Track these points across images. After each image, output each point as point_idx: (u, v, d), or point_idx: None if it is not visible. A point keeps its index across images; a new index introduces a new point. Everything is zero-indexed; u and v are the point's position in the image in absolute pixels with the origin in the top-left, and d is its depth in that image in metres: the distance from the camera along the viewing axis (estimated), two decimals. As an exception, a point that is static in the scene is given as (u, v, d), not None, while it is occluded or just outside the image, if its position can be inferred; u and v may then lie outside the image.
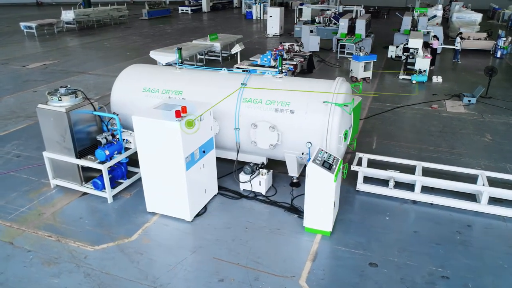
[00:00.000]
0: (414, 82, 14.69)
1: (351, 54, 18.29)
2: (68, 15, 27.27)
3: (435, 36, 17.13)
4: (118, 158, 7.11)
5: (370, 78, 14.94)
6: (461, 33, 18.88)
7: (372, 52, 18.01)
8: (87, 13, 28.71)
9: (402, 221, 6.65)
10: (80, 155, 7.03)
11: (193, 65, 16.44)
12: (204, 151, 6.59)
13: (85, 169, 7.20)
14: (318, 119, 6.72)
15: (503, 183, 7.41)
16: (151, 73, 8.11)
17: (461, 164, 8.20)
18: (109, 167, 6.95)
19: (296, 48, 15.92)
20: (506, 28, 28.80)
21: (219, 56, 17.82)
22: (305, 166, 7.60)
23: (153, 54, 15.07)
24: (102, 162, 6.91)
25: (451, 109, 11.90)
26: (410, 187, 7.44)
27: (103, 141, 6.87)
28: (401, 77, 15.35)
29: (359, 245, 6.02)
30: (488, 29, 22.48)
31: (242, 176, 7.33)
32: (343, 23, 19.61)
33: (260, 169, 7.29)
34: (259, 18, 34.63)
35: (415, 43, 15.24)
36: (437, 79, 15.00)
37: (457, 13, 24.20)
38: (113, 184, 7.25)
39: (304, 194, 7.14)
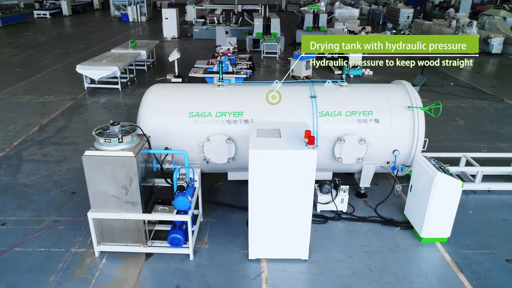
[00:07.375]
0: (351, 76, 15.54)
1: (273, 53, 18.55)
2: None
3: (350, 32, 18.39)
4: (193, 202, 5.77)
5: (311, 76, 15.28)
6: (364, 28, 20.69)
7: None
8: None
9: (483, 212, 6.95)
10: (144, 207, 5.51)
11: (126, 78, 14.46)
12: (308, 178, 5.81)
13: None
14: (404, 126, 6.55)
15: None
16: (189, 94, 6.75)
17: (466, 149, 8.94)
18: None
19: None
20: (368, 22, 32.71)
21: (143, 65, 15.96)
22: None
23: (81, 69, 12.68)
24: (181, 211, 5.53)
25: (407, 99, 12.92)
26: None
27: (185, 185, 5.47)
28: (337, 72, 16.07)
29: (478, 244, 6.08)
30: (371, 23, 25.14)
31: (322, 197, 6.70)
32: (258, 23, 19.57)
33: (342, 186, 6.76)
34: (136, 21, 32.16)
35: (345, 39, 16.05)
36: (368, 72, 16.16)
37: (338, 9, 26.36)
38: (186, 236, 5.85)
39: (381, 203, 7.05)
